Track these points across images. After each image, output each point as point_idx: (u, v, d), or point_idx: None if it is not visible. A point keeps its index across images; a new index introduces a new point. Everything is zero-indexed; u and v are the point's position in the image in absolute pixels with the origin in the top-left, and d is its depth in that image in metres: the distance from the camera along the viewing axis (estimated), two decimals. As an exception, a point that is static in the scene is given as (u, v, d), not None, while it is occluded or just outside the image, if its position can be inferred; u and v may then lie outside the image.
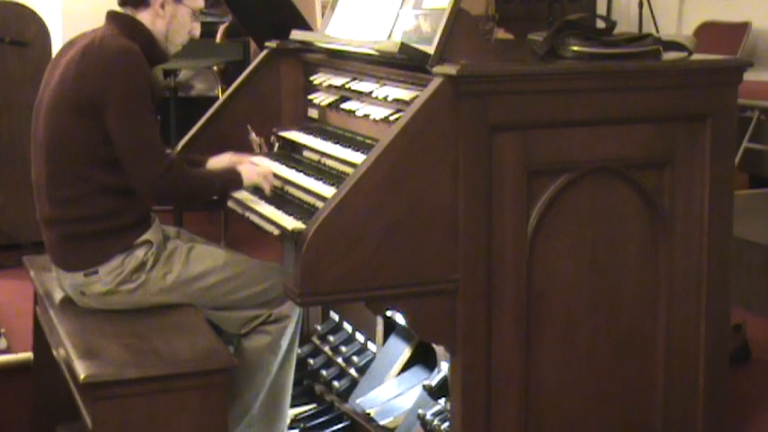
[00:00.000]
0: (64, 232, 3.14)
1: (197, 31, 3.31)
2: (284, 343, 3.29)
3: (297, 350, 3.40)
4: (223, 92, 5.90)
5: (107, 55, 3.04)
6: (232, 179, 3.24)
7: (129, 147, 3.03)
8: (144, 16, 3.18)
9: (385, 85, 3.23)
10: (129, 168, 3.05)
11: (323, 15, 3.83)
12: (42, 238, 3.25)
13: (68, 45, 3.24)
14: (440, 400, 3.23)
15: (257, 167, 3.31)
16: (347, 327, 3.88)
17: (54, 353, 3.20)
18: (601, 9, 7.82)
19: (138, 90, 3.03)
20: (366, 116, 3.25)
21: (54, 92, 3.13)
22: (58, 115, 3.10)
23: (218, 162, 3.40)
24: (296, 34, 3.76)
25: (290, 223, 3.03)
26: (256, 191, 3.38)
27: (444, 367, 3.22)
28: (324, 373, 3.80)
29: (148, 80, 3.08)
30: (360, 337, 3.79)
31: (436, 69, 2.77)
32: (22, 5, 5.49)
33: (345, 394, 3.65)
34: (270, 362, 3.28)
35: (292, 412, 3.77)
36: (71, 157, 3.09)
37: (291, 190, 3.33)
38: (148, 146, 3.05)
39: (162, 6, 3.18)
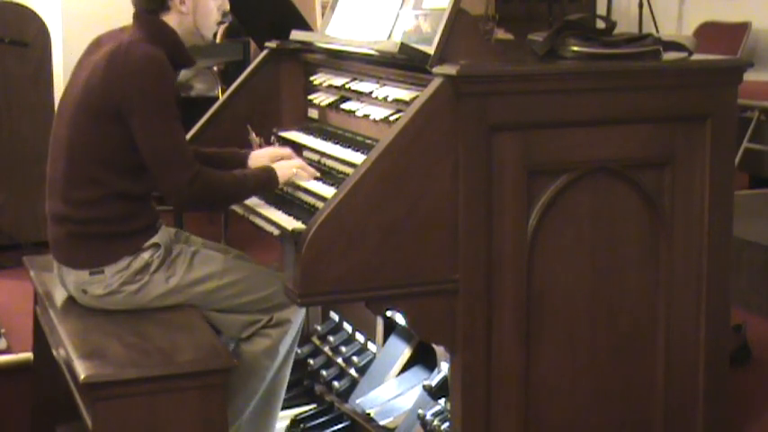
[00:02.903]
0: (73, 231, 3.14)
1: (227, 5, 3.30)
2: (282, 349, 3.28)
3: (293, 358, 3.38)
4: (223, 92, 5.90)
5: (132, 63, 3.03)
6: (267, 178, 3.22)
7: (155, 155, 3.03)
8: (169, 18, 3.17)
9: (385, 85, 3.23)
10: (157, 176, 3.06)
11: (323, 15, 3.83)
12: (47, 233, 3.23)
13: (95, 44, 3.23)
14: (440, 401, 3.23)
15: (290, 162, 3.30)
16: (347, 327, 3.88)
17: (54, 353, 3.20)
18: (601, 9, 7.84)
19: (163, 98, 3.03)
20: (366, 116, 3.25)
21: (79, 94, 3.12)
22: (81, 118, 3.10)
23: (260, 157, 3.38)
24: (296, 34, 3.76)
25: (290, 223, 3.03)
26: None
27: (444, 367, 3.22)
28: (324, 373, 3.80)
29: (173, 87, 3.08)
30: (360, 337, 3.79)
31: (436, 69, 2.77)
32: (22, 5, 5.49)
33: (345, 394, 3.65)
34: (266, 368, 3.27)
35: (292, 412, 3.77)
36: (91, 161, 3.09)
37: (291, 190, 3.33)
38: (174, 153, 3.04)
39: (182, 2, 3.17)
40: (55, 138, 3.22)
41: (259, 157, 3.39)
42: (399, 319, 3.42)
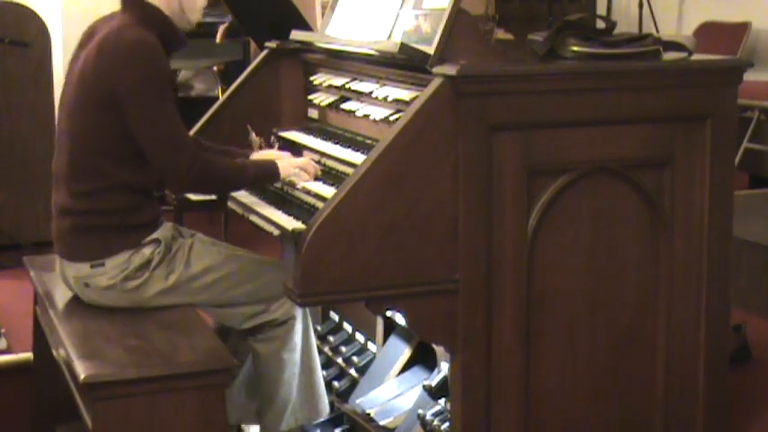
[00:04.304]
0: (77, 223, 3.14)
1: None
2: (297, 337, 3.30)
3: (312, 333, 3.38)
4: (223, 92, 5.91)
5: (122, 48, 3.03)
6: (268, 170, 3.23)
7: (151, 140, 3.03)
8: None
9: (385, 85, 3.23)
10: (155, 161, 3.06)
11: (323, 15, 3.83)
12: (51, 227, 3.24)
13: (89, 34, 3.23)
14: (440, 401, 3.23)
15: (296, 160, 3.30)
16: (347, 327, 3.88)
17: (54, 353, 3.20)
18: (601, 9, 7.84)
19: (156, 82, 3.02)
20: (366, 116, 3.25)
21: (75, 86, 3.14)
22: (79, 110, 3.11)
23: (261, 156, 3.40)
24: (296, 34, 3.76)
25: (290, 223, 3.03)
26: (257, 191, 3.39)
27: (444, 367, 3.22)
28: (324, 373, 3.80)
29: (166, 71, 3.07)
30: (360, 337, 3.79)
31: (436, 70, 2.77)
32: (22, 5, 5.49)
33: (345, 394, 3.65)
34: (290, 359, 3.29)
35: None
36: (92, 152, 3.10)
37: (291, 190, 3.33)
38: (171, 137, 3.04)
39: None
40: (58, 131, 3.24)
41: (260, 155, 3.40)
42: (399, 319, 3.42)
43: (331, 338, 3.86)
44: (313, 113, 3.77)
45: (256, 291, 3.24)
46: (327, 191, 3.10)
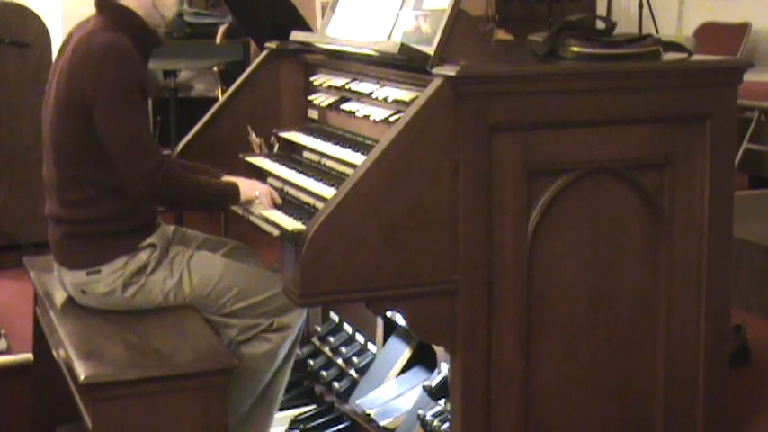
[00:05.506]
0: (69, 231, 3.14)
1: None
2: (281, 353, 3.27)
3: (293, 360, 3.37)
4: (223, 92, 5.90)
5: (93, 52, 3.01)
6: (228, 192, 3.20)
7: (116, 143, 2.99)
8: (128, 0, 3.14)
9: (385, 85, 3.23)
10: (117, 166, 3.01)
11: (323, 16, 3.83)
12: (47, 234, 3.23)
13: (67, 41, 3.22)
14: (440, 401, 3.23)
15: (258, 184, 3.28)
16: (347, 327, 3.88)
17: (54, 354, 3.20)
18: (601, 9, 7.85)
19: (124, 85, 2.99)
20: (366, 117, 3.25)
21: (54, 94, 3.12)
22: (59, 119, 3.09)
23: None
24: (296, 35, 3.76)
25: (290, 224, 3.02)
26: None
27: (444, 368, 3.22)
28: (324, 373, 3.80)
29: (137, 75, 3.03)
30: (360, 337, 3.79)
31: (436, 70, 2.77)
32: (22, 6, 5.50)
33: (345, 395, 3.65)
34: (264, 371, 3.26)
35: (292, 413, 3.77)
36: (77, 161, 3.08)
37: (291, 191, 3.33)
38: (136, 143, 3.00)
39: None
40: (44, 141, 3.21)
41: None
42: (399, 319, 3.42)
43: (331, 339, 3.85)
44: (313, 114, 3.76)
45: (257, 305, 3.22)
46: (327, 191, 3.10)
